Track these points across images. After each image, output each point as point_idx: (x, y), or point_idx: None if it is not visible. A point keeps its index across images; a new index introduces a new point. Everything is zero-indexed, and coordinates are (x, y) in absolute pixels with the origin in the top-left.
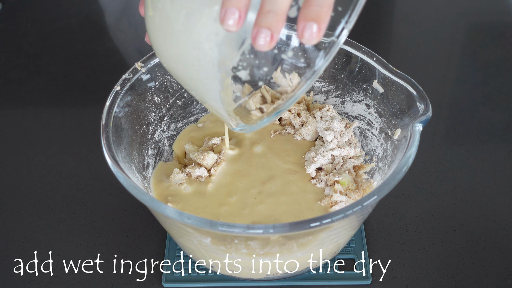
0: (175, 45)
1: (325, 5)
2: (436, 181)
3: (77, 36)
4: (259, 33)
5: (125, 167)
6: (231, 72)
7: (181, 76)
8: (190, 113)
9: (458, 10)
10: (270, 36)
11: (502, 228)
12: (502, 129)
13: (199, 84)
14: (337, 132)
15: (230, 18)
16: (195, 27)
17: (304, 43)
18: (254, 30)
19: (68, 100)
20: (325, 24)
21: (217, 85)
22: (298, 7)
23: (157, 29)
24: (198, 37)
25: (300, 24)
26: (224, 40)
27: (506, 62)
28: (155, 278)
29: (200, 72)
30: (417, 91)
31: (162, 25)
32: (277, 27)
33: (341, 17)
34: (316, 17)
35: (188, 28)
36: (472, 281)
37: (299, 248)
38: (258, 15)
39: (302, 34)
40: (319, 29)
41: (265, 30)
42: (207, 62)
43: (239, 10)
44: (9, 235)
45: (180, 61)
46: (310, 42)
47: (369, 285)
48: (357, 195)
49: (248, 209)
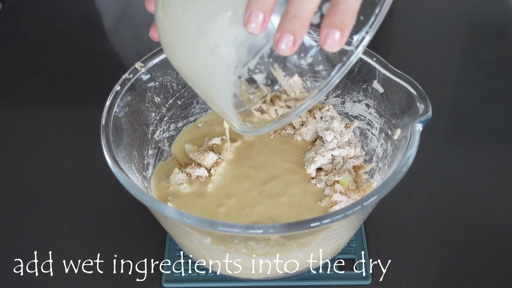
0: (187, 48)
1: (350, 13)
2: (436, 181)
3: (77, 36)
4: (282, 37)
5: (125, 167)
6: (247, 74)
7: (192, 76)
8: (190, 113)
9: (458, 10)
10: (293, 41)
11: (502, 228)
12: (502, 129)
13: (211, 85)
14: (337, 132)
15: (253, 21)
16: (211, 31)
17: (326, 50)
18: (277, 34)
19: (68, 100)
20: (348, 32)
21: (230, 87)
22: (321, 14)
23: (167, 31)
24: (215, 41)
25: (323, 31)
26: (243, 44)
27: (506, 62)
28: (155, 278)
29: (215, 75)
30: (417, 91)
31: (173, 28)
32: (300, 33)
33: (362, 26)
34: (340, 25)
35: (202, 32)
36: (472, 281)
37: (299, 248)
38: (283, 19)
39: (324, 41)
40: (342, 36)
41: (289, 35)
42: (223, 66)
43: (264, 13)
44: (9, 235)
45: (193, 63)
46: (332, 49)
47: (369, 285)
48: (357, 195)
49: (247, 209)
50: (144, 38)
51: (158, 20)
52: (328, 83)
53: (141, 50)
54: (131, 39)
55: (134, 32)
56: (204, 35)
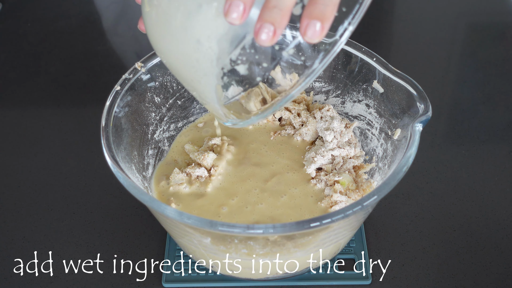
0: (173, 42)
1: (330, 4)
2: (436, 181)
3: (77, 36)
4: (263, 27)
5: (125, 167)
6: (229, 66)
7: (178, 69)
8: (190, 113)
9: (458, 10)
10: (273, 31)
11: (502, 228)
12: (502, 129)
13: (196, 77)
14: (337, 132)
15: (234, 11)
16: (195, 23)
17: (306, 41)
18: (257, 24)
19: (68, 100)
20: (329, 23)
21: (213, 79)
22: (303, 5)
23: (154, 24)
24: (198, 32)
25: (304, 21)
26: (224, 35)
27: (506, 62)
28: (155, 278)
29: (198, 67)
30: (417, 91)
31: (159, 22)
32: (280, 23)
33: (344, 18)
34: (320, 16)
35: (187, 24)
36: (472, 281)
37: (299, 248)
38: (263, 9)
39: (305, 31)
40: (322, 27)
41: (269, 25)
42: (206, 61)
43: (244, 3)
44: (9, 235)
45: (178, 56)
46: (312, 40)
47: (369, 285)
48: (357, 195)
49: (247, 209)
50: (143, 38)
51: (145, 14)
52: (312, 72)
53: (140, 50)
54: (130, 39)
55: (133, 32)
56: (188, 30)
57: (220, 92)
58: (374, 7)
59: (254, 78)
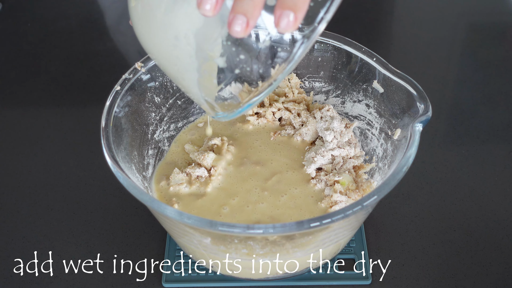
0: (155, 38)
1: None
2: (436, 181)
3: (77, 36)
4: (235, 19)
5: (125, 167)
6: (208, 59)
7: (164, 66)
8: (190, 113)
9: (458, 10)
10: (246, 22)
11: (502, 228)
12: (502, 129)
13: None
14: (337, 132)
15: (207, 3)
16: (172, 19)
17: (280, 31)
18: (230, 15)
19: (68, 100)
20: (302, 13)
21: (194, 74)
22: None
23: (140, 19)
24: (176, 29)
25: (277, 12)
26: (201, 29)
27: (506, 62)
28: (155, 278)
29: (179, 64)
30: (417, 91)
31: (143, 18)
32: (253, 14)
33: (320, 8)
34: (293, 6)
35: (165, 21)
36: (472, 281)
37: (299, 248)
38: (235, 0)
39: (278, 22)
40: (296, 18)
41: (241, 16)
42: (184, 53)
43: None
44: (9, 235)
45: (162, 53)
46: (286, 30)
47: (369, 285)
48: (357, 195)
49: (248, 208)
50: None
51: (130, 9)
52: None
53: (142, 49)
54: (133, 38)
55: None
56: (166, 27)
57: (203, 86)
58: (373, 7)
59: (232, 70)
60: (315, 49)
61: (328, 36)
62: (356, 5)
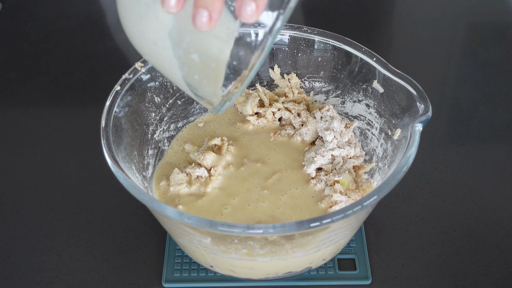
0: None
1: None
2: (436, 181)
3: (77, 36)
4: (197, 13)
5: (125, 167)
6: (184, 55)
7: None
8: (190, 113)
9: (458, 10)
10: (208, 16)
11: (502, 228)
12: (502, 129)
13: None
14: (337, 132)
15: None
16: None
17: (243, 21)
18: (193, 10)
19: (68, 100)
20: (264, 2)
21: (178, 72)
22: None
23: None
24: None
25: (238, 2)
26: (173, 28)
27: (506, 62)
28: (155, 278)
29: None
30: (417, 91)
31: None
32: (214, 7)
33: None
34: None
35: (142, 28)
36: (472, 281)
37: (299, 248)
38: None
39: (239, 12)
40: (257, 6)
41: (203, 10)
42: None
43: None
44: (9, 235)
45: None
46: (249, 20)
47: (369, 285)
48: (357, 195)
49: (250, 207)
50: None
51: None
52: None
53: None
54: None
55: None
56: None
57: (188, 83)
58: (373, 7)
59: (208, 65)
60: (315, 49)
61: (328, 36)
62: (356, 5)
